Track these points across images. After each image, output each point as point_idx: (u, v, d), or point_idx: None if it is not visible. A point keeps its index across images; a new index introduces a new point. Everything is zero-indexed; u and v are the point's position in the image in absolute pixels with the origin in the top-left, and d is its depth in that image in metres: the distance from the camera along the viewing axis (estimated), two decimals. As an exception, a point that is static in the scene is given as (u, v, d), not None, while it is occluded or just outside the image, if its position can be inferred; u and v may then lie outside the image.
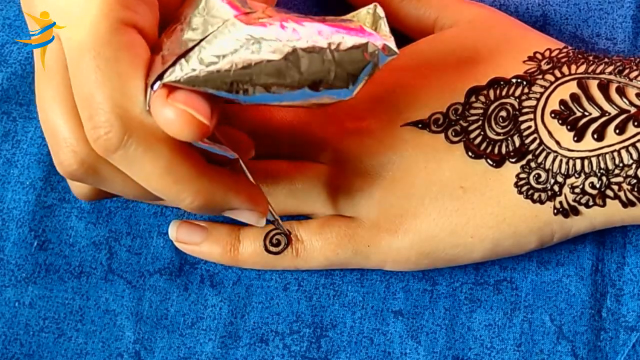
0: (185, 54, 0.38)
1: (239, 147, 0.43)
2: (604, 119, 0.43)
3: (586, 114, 0.43)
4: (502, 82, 0.45)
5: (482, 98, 0.45)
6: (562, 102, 0.44)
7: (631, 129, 0.42)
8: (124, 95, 0.38)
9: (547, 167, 0.43)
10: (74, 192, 0.46)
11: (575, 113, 0.44)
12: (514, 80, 0.45)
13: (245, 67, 0.38)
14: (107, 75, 0.38)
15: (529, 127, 0.44)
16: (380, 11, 0.42)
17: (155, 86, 0.38)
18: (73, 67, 0.39)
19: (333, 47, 0.39)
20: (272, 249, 0.47)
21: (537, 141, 0.44)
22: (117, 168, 0.40)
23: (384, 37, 0.40)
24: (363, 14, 0.42)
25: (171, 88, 0.38)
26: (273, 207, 0.45)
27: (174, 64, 0.38)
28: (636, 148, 0.42)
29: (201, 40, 0.38)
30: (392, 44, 0.40)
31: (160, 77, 0.38)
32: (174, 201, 0.41)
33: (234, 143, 0.43)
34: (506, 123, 0.45)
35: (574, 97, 0.44)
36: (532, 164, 0.44)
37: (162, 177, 0.39)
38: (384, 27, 0.41)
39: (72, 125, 0.40)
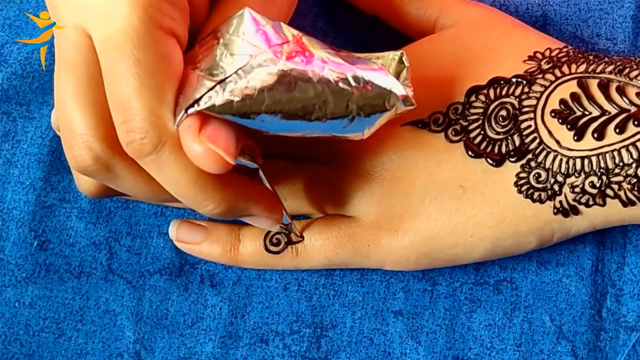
0: (221, 82, 0.39)
1: (254, 155, 0.44)
2: (604, 118, 0.43)
3: (586, 113, 0.43)
4: (502, 82, 0.45)
5: (482, 97, 0.45)
6: (563, 102, 0.44)
7: (631, 128, 0.42)
8: (160, 104, 0.39)
9: (547, 166, 0.43)
10: (78, 187, 0.46)
11: (575, 112, 0.44)
12: (514, 80, 0.45)
13: (276, 102, 0.39)
14: (147, 84, 0.39)
15: (529, 126, 0.44)
16: (405, 60, 0.43)
17: (190, 110, 0.39)
18: (109, 69, 0.39)
19: (358, 92, 0.41)
20: (272, 248, 0.47)
21: (537, 140, 0.44)
22: (131, 168, 0.41)
23: (405, 87, 0.42)
24: (389, 59, 0.43)
25: (203, 118, 0.39)
26: (287, 212, 0.46)
27: (209, 90, 0.39)
28: (636, 147, 0.42)
29: (238, 69, 0.39)
30: (411, 95, 0.42)
31: (195, 102, 0.39)
32: (194, 206, 0.41)
33: (250, 152, 0.44)
34: (506, 122, 0.45)
35: (574, 96, 0.44)
36: (532, 163, 0.44)
37: (189, 185, 0.40)
38: (406, 75, 0.43)
39: (91, 121, 0.40)
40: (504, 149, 0.44)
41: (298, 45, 0.41)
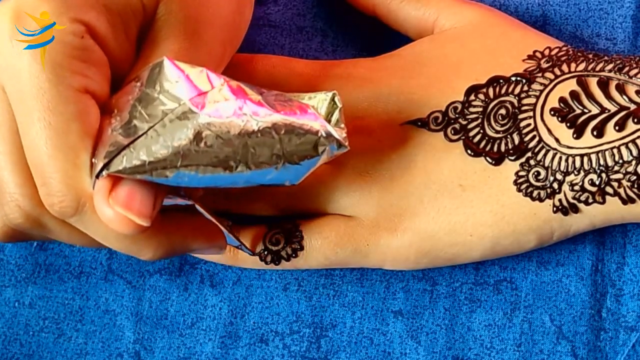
0: (133, 142, 0.38)
1: (190, 191, 0.43)
2: (603, 116, 0.43)
3: (586, 111, 0.43)
4: (501, 80, 0.45)
5: (481, 96, 0.45)
6: (562, 100, 0.44)
7: (631, 126, 0.42)
8: (75, 167, 0.38)
9: (546, 164, 0.43)
10: None
11: (574, 110, 0.44)
12: (513, 79, 0.45)
13: (192, 158, 0.38)
14: (58, 148, 0.38)
15: (529, 124, 0.44)
16: (338, 101, 0.42)
17: (100, 176, 0.38)
18: (23, 131, 0.39)
19: (284, 139, 0.39)
20: (271, 248, 0.47)
21: (537, 139, 0.44)
22: (63, 223, 0.41)
23: (336, 130, 0.40)
24: (320, 99, 0.42)
25: (115, 179, 0.38)
26: (234, 234, 0.45)
27: (120, 151, 0.38)
28: (636, 145, 0.42)
29: (150, 128, 0.38)
30: (343, 138, 0.40)
31: (106, 166, 0.38)
32: (133, 255, 0.41)
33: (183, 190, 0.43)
34: (505, 121, 0.45)
35: (573, 94, 0.44)
36: (532, 162, 0.44)
37: (119, 239, 0.40)
38: (339, 117, 0.41)
39: (18, 180, 0.40)
40: (503, 148, 0.44)
41: (223, 92, 0.39)
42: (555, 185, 0.43)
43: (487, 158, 0.44)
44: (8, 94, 0.39)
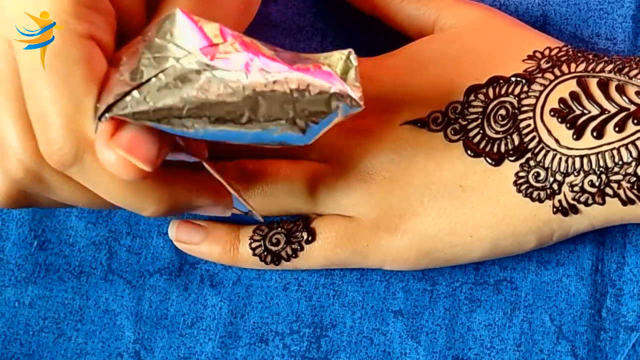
0: (138, 86, 0.37)
1: (199, 149, 0.43)
2: (603, 117, 0.43)
3: (585, 112, 0.43)
4: (501, 81, 0.45)
5: (481, 97, 0.45)
6: (562, 101, 0.44)
7: (631, 127, 0.42)
8: (77, 110, 0.37)
9: (546, 165, 0.43)
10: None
11: (574, 111, 0.44)
12: (513, 79, 0.45)
13: (199, 107, 0.37)
14: (61, 91, 0.37)
15: (528, 125, 0.44)
16: (354, 59, 0.40)
17: (103, 118, 0.37)
18: (26, 79, 0.38)
19: (296, 94, 0.38)
20: (271, 248, 0.47)
21: (537, 139, 0.44)
22: (63, 178, 0.40)
23: (352, 88, 0.39)
24: (336, 58, 0.41)
25: (119, 123, 0.37)
26: (245, 199, 0.45)
27: (125, 95, 0.37)
28: (635, 146, 0.42)
29: (159, 73, 0.37)
30: (358, 97, 0.39)
31: (109, 108, 0.37)
32: (135, 211, 0.40)
33: (190, 146, 0.42)
34: (505, 121, 0.45)
35: (573, 95, 0.44)
36: (532, 162, 0.44)
37: (121, 189, 0.39)
38: (355, 76, 0.40)
39: (21, 133, 0.39)
40: (503, 148, 0.44)
41: (235, 45, 0.38)
42: (555, 186, 0.43)
43: (487, 159, 0.44)
44: (13, 45, 0.39)
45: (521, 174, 0.44)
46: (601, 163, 0.43)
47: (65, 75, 0.37)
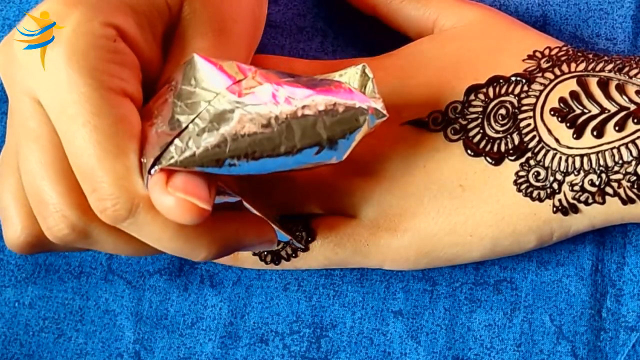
0: (179, 134, 0.38)
1: (231, 187, 0.43)
2: (603, 116, 0.43)
3: (585, 111, 0.43)
4: (501, 80, 0.45)
5: (481, 96, 0.45)
6: (562, 100, 0.44)
7: (631, 126, 0.42)
8: (125, 168, 0.38)
9: (546, 164, 0.43)
10: (6, 242, 0.43)
11: (574, 110, 0.44)
12: (513, 79, 0.45)
13: (239, 143, 0.38)
14: (108, 150, 0.38)
15: (528, 124, 0.44)
16: (368, 71, 0.42)
17: (153, 171, 0.38)
18: (68, 140, 0.39)
19: (325, 115, 0.39)
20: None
21: (537, 139, 0.44)
22: (110, 231, 0.40)
23: (373, 99, 0.41)
24: (351, 74, 0.42)
25: (169, 172, 0.38)
26: (283, 229, 0.45)
27: (168, 145, 0.38)
28: (636, 145, 0.42)
29: (195, 118, 0.38)
30: (381, 107, 0.41)
31: (157, 160, 0.38)
32: (187, 256, 0.41)
33: (227, 187, 0.43)
34: (505, 121, 0.45)
35: (573, 94, 0.44)
36: (532, 162, 0.44)
37: (173, 239, 0.40)
38: (373, 87, 0.42)
39: (62, 189, 0.40)
40: (503, 148, 0.44)
41: (256, 79, 0.40)
42: (555, 186, 0.43)
43: (487, 158, 0.44)
44: (46, 107, 0.39)
45: (521, 173, 0.44)
46: (601, 162, 0.43)
47: (110, 134, 0.38)
